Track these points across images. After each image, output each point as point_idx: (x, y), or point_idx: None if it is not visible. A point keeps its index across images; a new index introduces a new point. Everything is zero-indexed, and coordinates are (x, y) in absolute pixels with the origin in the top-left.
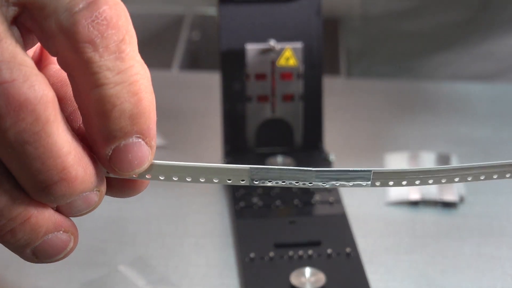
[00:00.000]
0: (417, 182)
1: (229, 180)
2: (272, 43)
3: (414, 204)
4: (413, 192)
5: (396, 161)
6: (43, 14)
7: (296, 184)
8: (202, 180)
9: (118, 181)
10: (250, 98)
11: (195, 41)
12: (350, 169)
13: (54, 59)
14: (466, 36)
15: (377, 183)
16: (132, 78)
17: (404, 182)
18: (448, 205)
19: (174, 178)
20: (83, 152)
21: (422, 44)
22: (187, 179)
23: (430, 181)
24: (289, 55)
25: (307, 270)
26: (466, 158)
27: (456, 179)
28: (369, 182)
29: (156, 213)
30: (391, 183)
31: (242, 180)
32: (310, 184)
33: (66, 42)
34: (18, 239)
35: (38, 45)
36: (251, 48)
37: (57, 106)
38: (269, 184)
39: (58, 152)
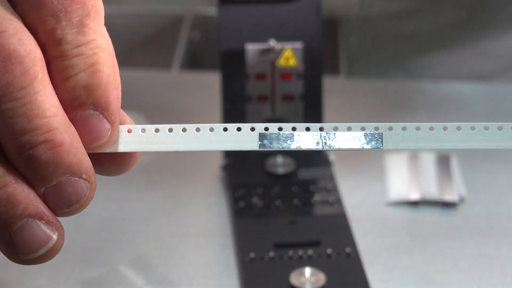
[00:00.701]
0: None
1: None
2: (272, 43)
3: (414, 204)
4: (413, 192)
5: (396, 161)
6: None
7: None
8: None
9: (106, 157)
10: (250, 98)
11: (195, 41)
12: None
13: None
14: (464, 35)
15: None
16: (91, 51)
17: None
18: (448, 205)
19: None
20: (69, 122)
21: (420, 44)
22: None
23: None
24: (289, 55)
25: (307, 270)
26: (466, 158)
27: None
28: (381, 145)
29: (156, 213)
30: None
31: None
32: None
33: (31, 11)
34: None
35: None
36: (251, 48)
37: (45, 67)
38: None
39: (45, 112)
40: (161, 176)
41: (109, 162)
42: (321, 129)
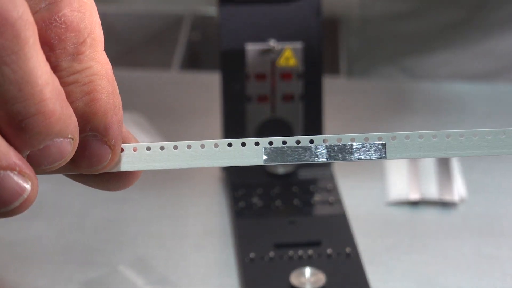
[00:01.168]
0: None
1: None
2: (272, 43)
3: (414, 204)
4: (413, 192)
5: (396, 161)
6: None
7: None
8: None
9: (110, 174)
10: (250, 98)
11: (195, 41)
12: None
13: None
14: (464, 35)
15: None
16: (87, 79)
17: None
18: (448, 205)
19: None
20: (61, 90)
21: (420, 44)
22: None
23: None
24: (289, 55)
25: (307, 270)
26: (466, 158)
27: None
28: (384, 155)
29: (156, 213)
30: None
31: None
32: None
33: None
34: None
35: None
36: (251, 48)
37: (37, 34)
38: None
39: (36, 80)
40: (161, 177)
41: (113, 180)
42: (324, 141)
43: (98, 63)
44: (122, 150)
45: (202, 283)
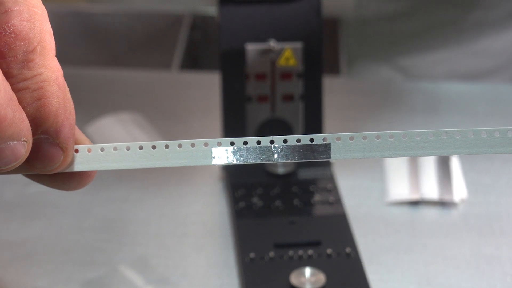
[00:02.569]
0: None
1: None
2: (272, 43)
3: (414, 204)
4: (413, 192)
5: (396, 161)
6: None
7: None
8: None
9: (64, 174)
10: (250, 98)
11: (195, 41)
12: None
13: None
14: (460, 34)
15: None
16: (37, 85)
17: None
18: (448, 205)
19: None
20: (13, 95)
21: (416, 43)
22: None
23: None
24: (289, 55)
25: (307, 270)
26: (466, 158)
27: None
28: (329, 155)
29: (156, 213)
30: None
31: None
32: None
33: None
34: None
35: None
36: (251, 48)
37: None
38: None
39: None
40: (161, 176)
41: (68, 179)
42: (271, 141)
43: (48, 70)
44: (76, 151)
45: (202, 283)
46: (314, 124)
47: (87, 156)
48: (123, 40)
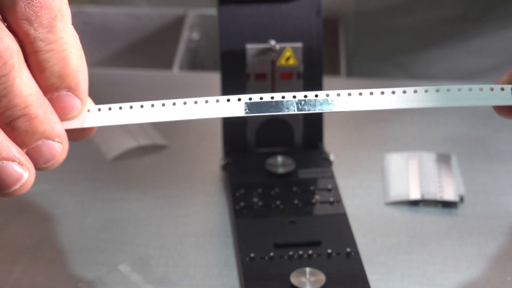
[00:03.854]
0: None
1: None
2: (272, 43)
3: (414, 204)
4: (413, 192)
5: (396, 161)
6: None
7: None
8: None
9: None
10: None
11: (195, 41)
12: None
13: None
14: (460, 30)
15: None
16: (61, 47)
17: None
18: (448, 205)
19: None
20: (44, 99)
21: (416, 39)
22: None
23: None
24: (289, 55)
25: (307, 270)
26: (466, 158)
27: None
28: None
29: (156, 213)
30: None
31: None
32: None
33: (10, 17)
34: None
35: None
36: (251, 48)
37: (22, 58)
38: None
39: (22, 92)
40: (161, 176)
41: (76, 135)
42: (294, 97)
43: (68, 34)
44: (88, 111)
45: (202, 283)
46: (314, 124)
47: (97, 114)
48: (123, 40)
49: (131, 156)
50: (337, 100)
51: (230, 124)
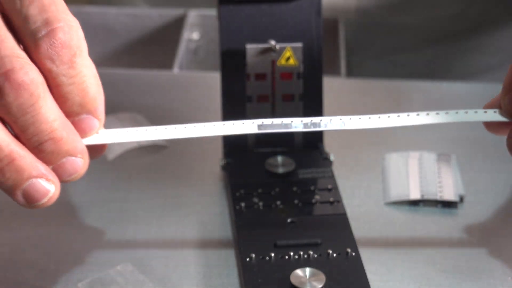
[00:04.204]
0: None
1: None
2: (272, 43)
3: (414, 204)
4: (413, 192)
5: (396, 161)
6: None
7: None
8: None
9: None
10: (250, 98)
11: (195, 41)
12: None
13: None
14: (460, 29)
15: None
16: (81, 80)
17: None
18: (448, 205)
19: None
20: (66, 121)
21: (415, 39)
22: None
23: None
24: (289, 55)
25: (307, 270)
26: (466, 158)
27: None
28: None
29: (156, 213)
30: None
31: None
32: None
33: (33, 55)
34: (7, 178)
35: None
36: (251, 48)
37: (46, 87)
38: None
39: (47, 119)
40: (161, 176)
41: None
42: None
43: (87, 67)
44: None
45: (202, 283)
46: None
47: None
48: (123, 40)
49: (131, 156)
50: (341, 123)
51: None
